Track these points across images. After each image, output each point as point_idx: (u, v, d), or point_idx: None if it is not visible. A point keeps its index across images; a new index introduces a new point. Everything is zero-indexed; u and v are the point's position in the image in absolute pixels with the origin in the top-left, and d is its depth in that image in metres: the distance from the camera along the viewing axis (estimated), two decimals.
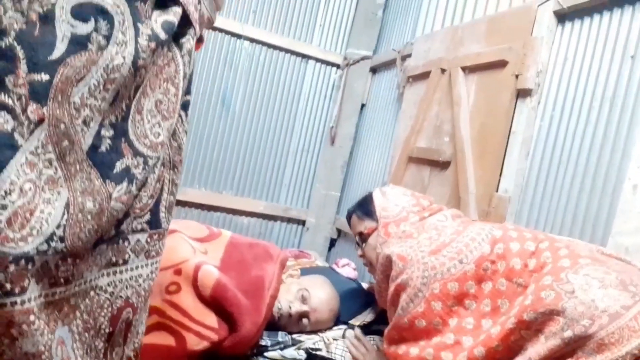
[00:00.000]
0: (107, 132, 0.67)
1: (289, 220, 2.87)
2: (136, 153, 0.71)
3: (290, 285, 1.43)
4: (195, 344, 1.09)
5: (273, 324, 1.33)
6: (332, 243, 2.89)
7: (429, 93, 2.08)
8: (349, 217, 1.41)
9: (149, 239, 0.80)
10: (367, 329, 1.38)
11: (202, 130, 2.62)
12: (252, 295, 1.22)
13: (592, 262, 0.93)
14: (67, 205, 0.60)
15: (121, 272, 0.76)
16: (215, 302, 1.16)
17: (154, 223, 0.81)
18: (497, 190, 1.68)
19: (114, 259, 0.74)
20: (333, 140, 2.78)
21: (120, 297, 0.76)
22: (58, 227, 0.59)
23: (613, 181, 1.36)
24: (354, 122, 2.80)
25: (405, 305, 1.03)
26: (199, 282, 1.16)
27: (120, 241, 0.75)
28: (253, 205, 2.76)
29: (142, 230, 0.79)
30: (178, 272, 1.18)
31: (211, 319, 1.14)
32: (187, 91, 0.87)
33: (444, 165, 1.93)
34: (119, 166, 0.68)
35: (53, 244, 0.59)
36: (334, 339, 1.34)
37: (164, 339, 1.07)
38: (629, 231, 1.18)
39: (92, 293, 0.70)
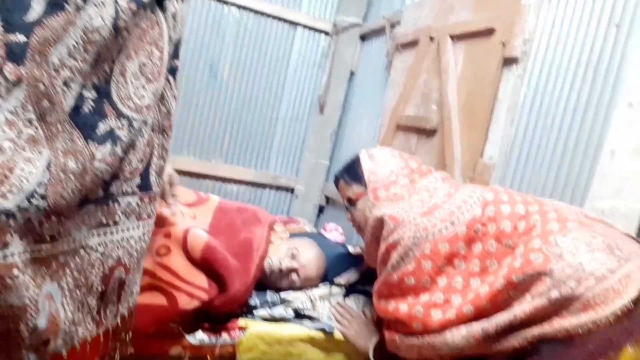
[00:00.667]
0: (90, 94, 0.68)
1: (278, 188, 2.90)
2: (120, 115, 0.72)
3: (280, 245, 1.47)
4: (186, 303, 1.12)
5: (262, 284, 1.37)
6: (321, 210, 2.92)
7: (418, 61, 2.08)
8: (336, 181, 1.40)
9: (139, 202, 0.82)
10: (352, 289, 1.43)
11: (190, 98, 2.60)
12: (242, 257, 1.25)
13: (580, 226, 0.95)
14: (48, 165, 0.62)
15: (112, 232, 0.77)
16: (205, 264, 1.19)
17: (145, 186, 0.83)
18: (481, 157, 1.71)
19: (104, 220, 0.76)
20: (322, 108, 2.78)
21: (112, 257, 0.78)
22: (39, 185, 0.61)
23: (594, 147, 1.39)
24: (343, 90, 2.79)
25: (396, 263, 1.05)
26: (189, 245, 1.19)
27: (110, 203, 0.76)
28: (242, 173, 2.77)
29: (133, 193, 0.80)
30: (167, 235, 1.20)
31: (201, 279, 1.17)
32: (175, 56, 0.87)
33: (430, 132, 1.95)
34: (102, 128, 0.69)
35: (34, 202, 0.61)
36: (321, 298, 1.39)
37: (156, 299, 1.10)
38: (605, 195, 1.22)
39: (82, 252, 0.72)
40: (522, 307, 0.90)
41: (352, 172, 1.33)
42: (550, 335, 0.86)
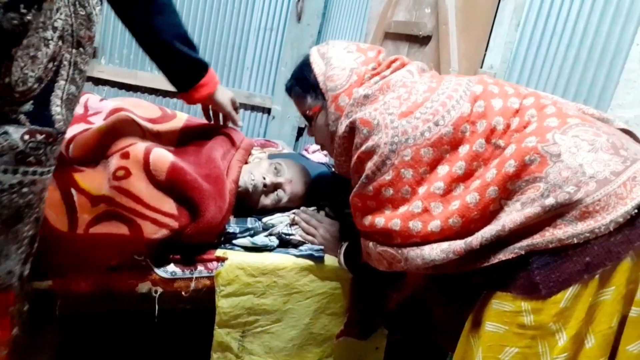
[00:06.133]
0: None
1: (253, 108, 2.69)
2: None
3: (260, 161, 1.32)
4: (152, 232, 0.98)
5: (243, 210, 1.23)
6: (300, 132, 2.77)
7: None
8: (288, 92, 1.18)
9: (26, 137, 0.62)
10: (339, 211, 1.30)
11: None
12: (214, 180, 1.09)
13: (582, 123, 0.83)
14: None
15: None
16: (173, 187, 1.02)
17: (40, 118, 0.63)
18: (481, 67, 1.57)
19: None
20: (299, 16, 2.54)
21: None
22: None
23: (612, 50, 1.26)
24: None
25: (371, 174, 0.92)
26: (152, 166, 1.01)
27: None
28: None
29: (17, 121, 0.61)
30: (125, 155, 1.02)
31: (169, 205, 1.02)
32: None
33: (424, 40, 1.79)
34: None
35: None
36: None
37: (115, 228, 0.95)
38: (631, 103, 1.09)
39: None
40: (512, 217, 0.79)
41: (303, 81, 1.10)
42: (541, 246, 0.77)
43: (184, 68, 1.13)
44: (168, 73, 1.14)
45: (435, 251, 0.87)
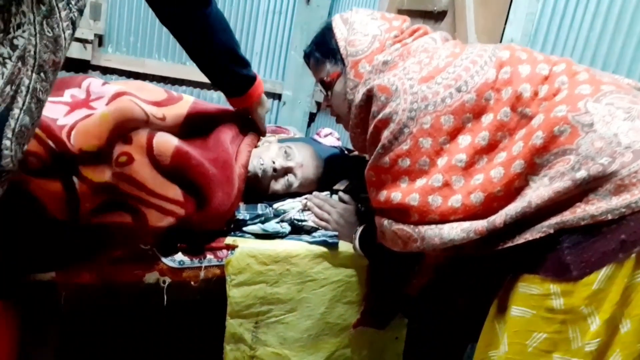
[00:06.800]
0: None
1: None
2: None
3: (270, 145, 1.28)
4: (157, 220, 0.94)
5: (253, 196, 1.18)
6: (312, 118, 2.72)
7: None
8: (306, 59, 1.14)
9: None
10: (353, 195, 1.25)
11: None
12: (222, 165, 1.05)
13: (617, 90, 0.77)
14: None
15: None
16: (178, 172, 0.98)
17: None
18: (501, 41, 1.49)
19: None
20: None
21: None
22: None
23: None
24: None
25: (388, 143, 0.87)
26: (156, 151, 0.97)
27: None
28: None
29: None
30: (128, 140, 0.97)
31: (174, 191, 0.97)
32: None
33: (439, 16, 1.72)
34: None
35: None
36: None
37: (118, 217, 0.91)
38: None
39: None
40: (539, 193, 0.74)
41: (324, 45, 1.07)
42: (571, 224, 0.72)
43: (232, 82, 1.21)
44: (216, 84, 1.22)
45: (455, 230, 0.81)
